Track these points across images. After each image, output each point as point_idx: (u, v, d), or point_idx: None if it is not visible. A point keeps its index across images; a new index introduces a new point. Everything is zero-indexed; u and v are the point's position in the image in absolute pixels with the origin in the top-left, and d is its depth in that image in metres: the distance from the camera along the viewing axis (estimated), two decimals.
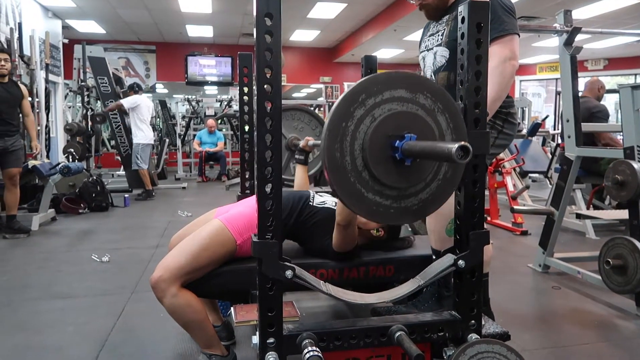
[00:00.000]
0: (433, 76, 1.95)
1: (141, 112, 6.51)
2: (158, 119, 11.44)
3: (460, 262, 1.34)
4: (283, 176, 2.66)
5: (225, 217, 1.71)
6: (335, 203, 1.86)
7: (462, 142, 1.00)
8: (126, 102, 6.50)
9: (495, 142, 1.86)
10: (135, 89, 6.75)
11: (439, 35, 1.91)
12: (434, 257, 1.80)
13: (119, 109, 6.65)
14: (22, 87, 4.41)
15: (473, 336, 1.36)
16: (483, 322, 1.46)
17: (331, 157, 1.17)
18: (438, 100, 1.25)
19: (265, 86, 1.17)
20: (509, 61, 1.73)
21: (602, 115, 4.33)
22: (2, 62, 4.07)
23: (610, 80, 12.45)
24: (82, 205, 5.43)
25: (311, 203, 1.86)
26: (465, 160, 1.01)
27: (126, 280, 2.99)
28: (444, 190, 1.29)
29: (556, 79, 12.42)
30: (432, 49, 1.94)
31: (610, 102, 10.89)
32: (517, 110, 2.05)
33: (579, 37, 2.98)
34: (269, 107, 1.18)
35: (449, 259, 1.36)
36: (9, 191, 4.16)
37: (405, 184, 1.23)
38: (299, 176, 2.37)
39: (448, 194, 1.30)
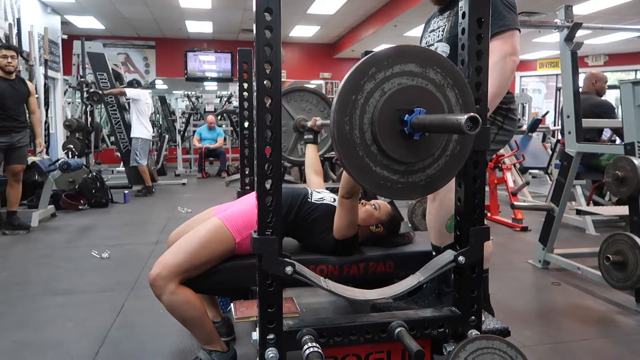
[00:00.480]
0: None
1: (141, 106, 6.50)
2: (157, 115, 11.42)
3: (461, 258, 1.34)
4: (291, 157, 2.65)
5: (224, 215, 1.71)
6: (334, 199, 1.86)
7: (471, 113, 1.00)
8: (129, 91, 6.49)
9: (496, 138, 1.86)
10: (134, 85, 6.74)
11: (439, 31, 1.90)
12: (434, 253, 1.80)
13: (119, 95, 6.62)
14: (29, 84, 4.40)
15: (473, 332, 1.36)
16: (483, 318, 1.46)
17: (340, 130, 1.16)
18: (448, 75, 1.24)
19: (265, 82, 1.17)
20: (510, 57, 1.72)
21: (604, 110, 4.30)
22: (9, 59, 4.07)
23: (610, 76, 12.41)
24: (81, 201, 5.43)
25: (310, 199, 1.86)
26: (475, 131, 1.00)
27: (126, 276, 2.99)
28: (451, 166, 1.29)
29: (557, 75, 12.39)
30: (432, 44, 1.93)
31: (610, 98, 10.88)
32: (517, 106, 2.03)
33: (579, 33, 2.97)
34: (268, 103, 1.17)
35: (449, 255, 1.35)
36: (11, 187, 4.16)
37: (414, 158, 1.23)
38: (310, 155, 2.36)
39: (456, 169, 1.30)
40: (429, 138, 1.21)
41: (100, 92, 6.62)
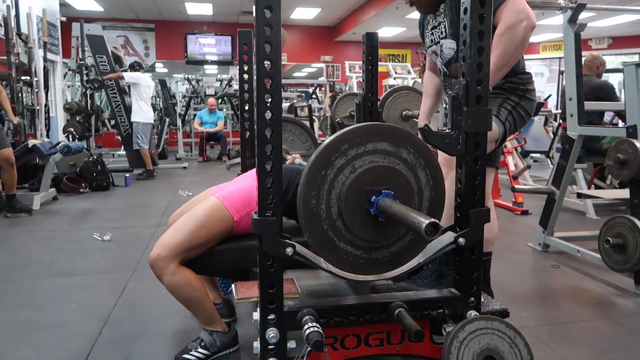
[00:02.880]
0: (445, 68, 1.92)
1: (142, 90, 6.46)
2: (158, 99, 11.38)
3: (461, 239, 1.34)
4: None
5: (222, 194, 1.71)
6: None
7: (432, 220, 1.01)
8: (127, 75, 6.46)
9: (508, 118, 1.78)
10: (136, 67, 6.70)
11: (441, 28, 1.87)
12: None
13: (118, 79, 6.59)
14: None
15: (472, 313, 1.37)
16: (482, 300, 1.47)
17: (306, 204, 1.19)
18: (421, 156, 1.27)
19: (265, 62, 1.16)
20: (518, 25, 1.60)
21: (605, 92, 4.28)
22: None
23: (614, 60, 12.32)
24: (83, 184, 5.44)
25: None
26: (435, 237, 1.03)
27: (128, 258, 3.01)
28: (416, 244, 1.32)
29: (559, 58, 12.30)
30: (438, 42, 1.90)
31: (613, 81, 10.80)
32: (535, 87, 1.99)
33: (583, 15, 2.94)
34: (268, 84, 1.17)
35: (449, 236, 1.36)
36: (5, 171, 4.13)
37: (379, 237, 1.26)
38: None
39: (421, 248, 1.32)
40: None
41: (100, 78, 6.59)
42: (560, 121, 5.16)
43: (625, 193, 2.69)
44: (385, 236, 1.25)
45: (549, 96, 8.89)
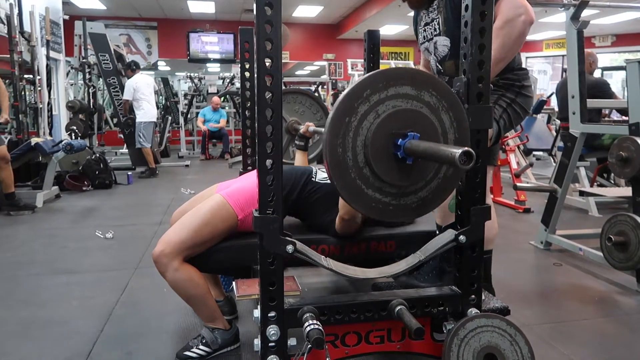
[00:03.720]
0: (439, 66, 1.90)
1: (141, 91, 6.47)
2: (160, 97, 11.40)
3: (461, 237, 1.34)
4: (282, 160, 2.64)
5: (227, 192, 1.71)
6: None
7: (466, 148, 0.99)
8: (127, 94, 6.49)
9: (502, 116, 1.75)
10: (132, 67, 6.71)
11: (435, 24, 1.84)
12: (437, 232, 1.80)
13: (129, 104, 6.63)
14: None
15: (473, 311, 1.38)
16: (483, 297, 1.47)
17: (333, 153, 1.16)
18: (443, 98, 1.23)
19: (265, 60, 1.16)
20: (517, 18, 1.59)
21: (600, 90, 4.26)
22: None
23: (617, 57, 12.29)
24: (85, 182, 5.45)
25: (313, 179, 1.85)
26: (468, 166, 1.00)
27: (130, 256, 3.01)
28: (444, 188, 1.29)
29: (562, 56, 12.25)
30: (432, 39, 1.88)
31: (617, 79, 10.77)
32: (532, 84, 1.93)
33: (586, 12, 2.93)
34: (269, 81, 1.17)
35: (450, 234, 1.36)
36: (1, 169, 4.12)
37: (406, 182, 1.23)
38: (299, 161, 2.35)
39: (448, 192, 1.30)
40: (423, 162, 1.20)
41: (127, 118, 6.65)
42: (560, 120, 5.14)
43: (627, 191, 2.68)
44: (413, 180, 1.22)
45: (551, 94, 8.85)
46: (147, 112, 6.54)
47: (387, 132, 1.18)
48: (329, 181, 1.84)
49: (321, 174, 1.89)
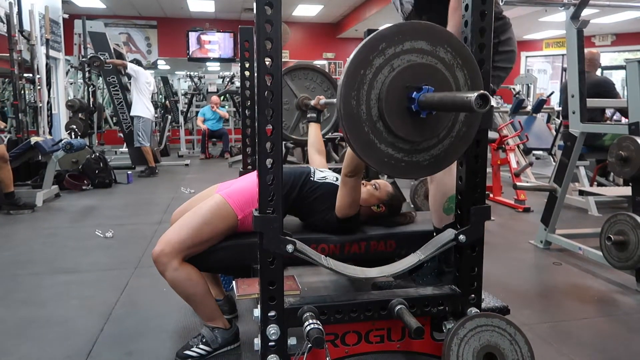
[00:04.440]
0: None
1: (141, 85, 6.46)
2: (160, 96, 11.39)
3: (461, 236, 1.34)
4: (292, 136, 2.64)
5: (227, 192, 1.72)
6: (337, 178, 1.86)
7: (481, 91, 0.98)
8: (130, 65, 6.49)
9: None
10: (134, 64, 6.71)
11: None
12: (434, 234, 1.80)
13: (121, 66, 6.59)
14: None
15: (473, 310, 1.38)
16: (483, 297, 1.47)
17: (347, 105, 1.15)
18: (458, 55, 1.22)
19: (265, 59, 1.16)
20: None
21: (605, 88, 4.26)
22: None
23: (617, 57, 12.28)
24: (85, 181, 5.45)
25: (312, 178, 1.86)
26: (485, 109, 0.98)
27: (130, 255, 3.01)
28: (456, 147, 1.27)
29: (562, 55, 12.26)
30: None
31: (617, 78, 10.77)
32: (513, 34, 1.86)
33: (586, 12, 2.92)
34: (269, 81, 1.17)
35: (449, 233, 1.36)
36: (0, 169, 4.09)
37: (419, 137, 1.21)
38: (313, 134, 2.34)
39: (460, 151, 1.28)
40: (436, 117, 1.19)
41: (100, 57, 6.54)
42: (562, 118, 5.14)
43: (627, 190, 2.68)
44: (426, 136, 1.21)
45: (551, 93, 8.86)
46: (144, 109, 6.51)
47: (401, 86, 1.16)
48: (326, 180, 1.85)
49: (319, 174, 1.90)
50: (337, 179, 1.84)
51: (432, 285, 1.64)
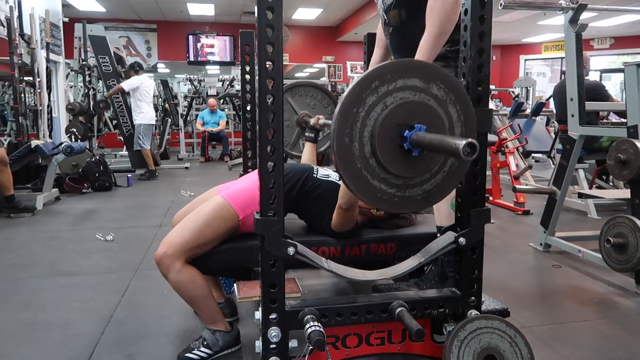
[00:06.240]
0: (385, 15, 1.89)
1: (141, 93, 6.48)
2: (160, 99, 11.40)
3: (461, 239, 1.35)
4: (292, 152, 2.65)
5: (228, 193, 1.72)
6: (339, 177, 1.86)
7: (470, 140, 1.00)
8: (126, 84, 6.48)
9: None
10: (135, 68, 6.71)
11: None
12: (438, 234, 1.80)
13: (120, 92, 6.64)
14: None
15: (473, 312, 1.38)
16: (483, 299, 1.47)
17: (340, 142, 1.16)
18: (451, 91, 1.24)
19: (266, 64, 1.17)
20: None
21: (597, 92, 4.27)
22: None
23: (616, 60, 12.31)
24: (85, 184, 5.46)
25: (315, 175, 1.85)
26: (472, 157, 1.00)
27: (130, 258, 3.02)
28: (449, 182, 1.29)
29: (561, 58, 12.29)
30: None
31: (615, 81, 10.80)
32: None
33: (585, 15, 2.94)
34: (270, 85, 1.18)
35: (449, 236, 1.37)
36: (1, 172, 4.09)
37: (412, 173, 1.23)
38: (307, 153, 2.36)
39: (453, 185, 1.30)
40: (428, 154, 1.21)
41: (105, 99, 6.65)
42: (555, 121, 5.15)
43: (626, 193, 2.69)
44: (418, 172, 1.23)
45: (550, 97, 8.87)
46: (146, 114, 6.55)
47: (394, 124, 1.18)
48: (329, 178, 1.85)
49: (322, 171, 1.90)
50: (339, 179, 1.84)
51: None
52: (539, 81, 12.47)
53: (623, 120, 4.41)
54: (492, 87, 10.01)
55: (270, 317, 1.26)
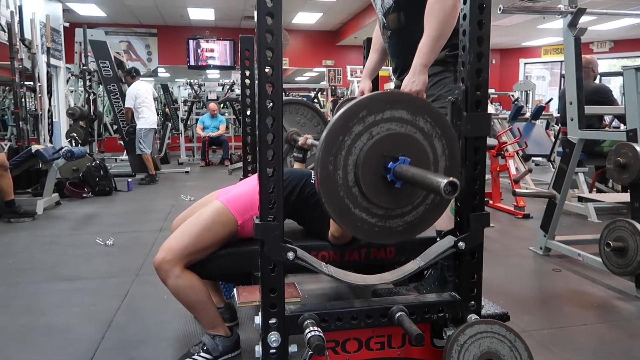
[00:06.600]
0: (384, 19, 1.90)
1: (141, 98, 6.50)
2: (160, 103, 11.42)
3: (461, 243, 1.35)
4: None
5: (226, 198, 1.73)
6: None
7: (451, 179, 1.01)
8: (129, 102, 6.53)
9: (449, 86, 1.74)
10: (132, 73, 6.74)
11: None
12: (437, 239, 1.80)
13: (130, 112, 6.67)
14: None
15: (472, 317, 1.38)
16: (483, 303, 1.47)
17: (324, 169, 1.19)
18: (437, 125, 1.26)
19: (266, 68, 1.17)
20: None
21: (603, 95, 4.28)
22: None
23: (616, 63, 12.33)
24: (85, 189, 5.46)
25: (312, 181, 1.86)
26: (453, 196, 1.02)
27: (130, 263, 3.02)
28: (430, 214, 1.32)
29: (561, 62, 12.31)
30: None
31: (615, 85, 10.81)
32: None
33: (584, 19, 2.95)
34: (270, 90, 1.18)
35: (449, 240, 1.37)
36: (0, 176, 4.09)
37: (394, 205, 1.25)
38: None
39: (435, 218, 1.33)
40: (411, 187, 1.22)
41: (129, 122, 6.80)
42: (559, 125, 5.15)
43: (626, 197, 2.69)
44: (400, 204, 1.24)
45: (550, 100, 8.88)
46: (147, 119, 6.56)
47: (379, 154, 1.21)
48: None
49: None
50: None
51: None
52: (539, 85, 12.49)
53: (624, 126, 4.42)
54: (491, 90, 10.04)
55: (270, 321, 1.26)
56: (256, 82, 1.19)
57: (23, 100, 5.34)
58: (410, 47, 1.70)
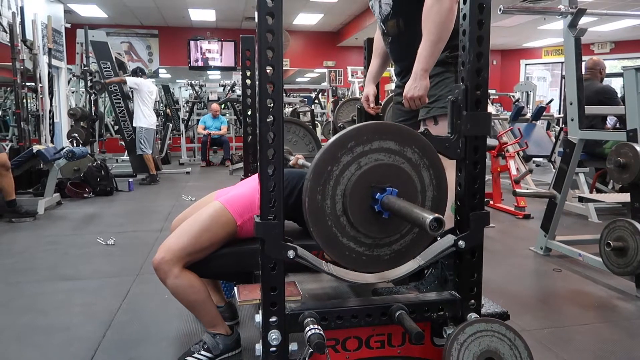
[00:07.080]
0: (383, 25, 1.91)
1: (144, 96, 6.50)
2: (161, 104, 11.43)
3: (461, 242, 1.35)
4: None
5: (225, 199, 1.73)
6: None
7: (436, 215, 1.02)
8: (130, 79, 6.50)
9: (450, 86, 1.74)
10: (138, 73, 6.74)
11: None
12: (438, 237, 1.80)
13: (121, 83, 6.63)
14: None
15: (472, 315, 1.39)
16: (483, 302, 1.48)
17: (312, 200, 1.20)
18: (425, 156, 1.28)
19: (267, 68, 1.18)
20: None
21: (608, 96, 4.28)
22: None
23: (617, 64, 12.33)
24: (87, 189, 5.47)
25: None
26: (438, 232, 1.03)
27: (131, 262, 3.02)
28: (418, 243, 1.33)
29: (562, 63, 12.31)
30: None
31: (615, 85, 10.80)
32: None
33: (585, 20, 2.95)
34: (270, 89, 1.19)
35: (449, 239, 1.37)
36: (2, 176, 4.10)
37: (381, 234, 1.27)
38: None
39: (422, 247, 1.34)
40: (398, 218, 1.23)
41: (102, 81, 6.64)
42: (562, 125, 5.15)
43: (626, 197, 2.69)
44: (388, 233, 1.26)
45: (550, 100, 8.89)
46: (148, 118, 6.56)
47: (366, 185, 1.22)
48: None
49: None
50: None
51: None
52: (539, 86, 12.50)
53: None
54: (492, 91, 10.04)
55: (271, 320, 1.27)
56: (257, 81, 1.20)
57: (24, 100, 5.35)
58: (412, 52, 1.71)
